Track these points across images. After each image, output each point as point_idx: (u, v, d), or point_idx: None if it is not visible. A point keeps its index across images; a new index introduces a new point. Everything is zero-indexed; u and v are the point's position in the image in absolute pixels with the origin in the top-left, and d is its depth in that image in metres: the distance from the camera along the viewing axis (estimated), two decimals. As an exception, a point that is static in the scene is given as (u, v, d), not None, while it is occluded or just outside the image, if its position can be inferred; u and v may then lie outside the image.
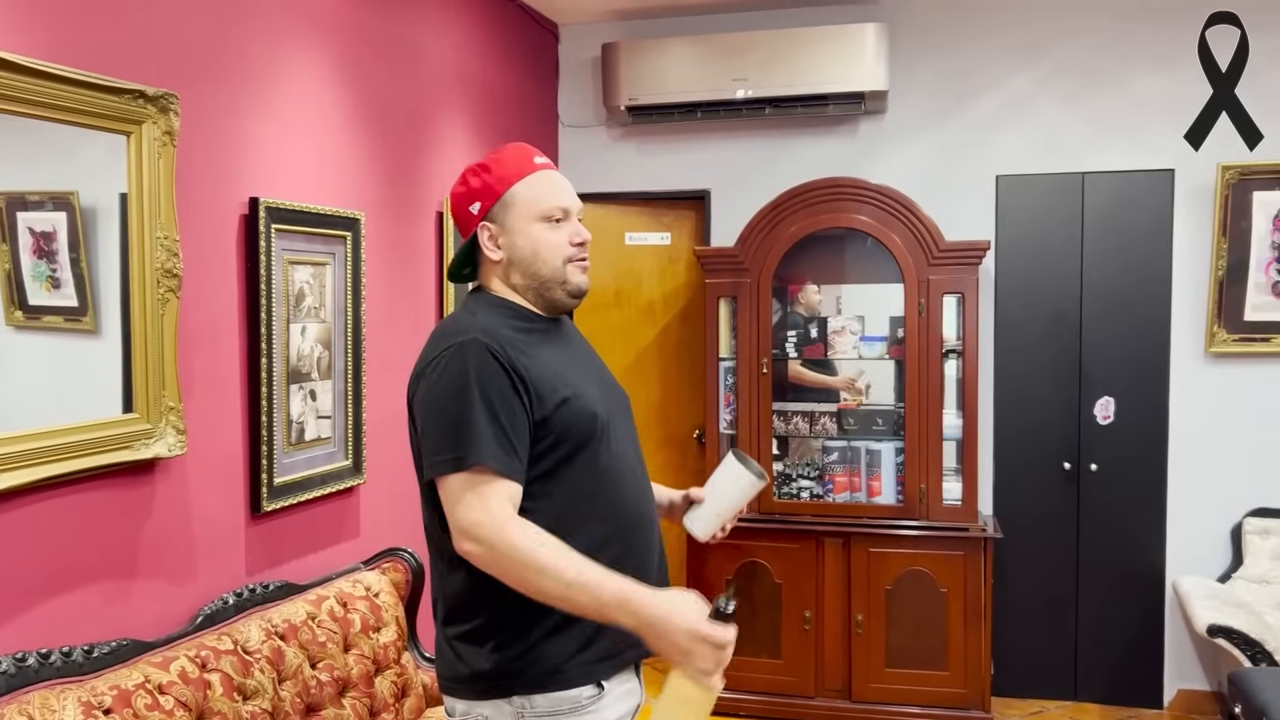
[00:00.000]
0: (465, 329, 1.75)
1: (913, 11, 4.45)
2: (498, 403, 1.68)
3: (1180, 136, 4.24)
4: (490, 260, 1.87)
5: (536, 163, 1.88)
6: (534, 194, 1.84)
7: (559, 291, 1.86)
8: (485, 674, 1.75)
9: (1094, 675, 4.36)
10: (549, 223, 1.84)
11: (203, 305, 2.58)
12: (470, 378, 1.69)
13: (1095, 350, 4.32)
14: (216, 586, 2.63)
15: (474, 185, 1.86)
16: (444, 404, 1.70)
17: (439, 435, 1.70)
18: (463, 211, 1.88)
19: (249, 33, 2.75)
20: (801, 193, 4.16)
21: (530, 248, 1.83)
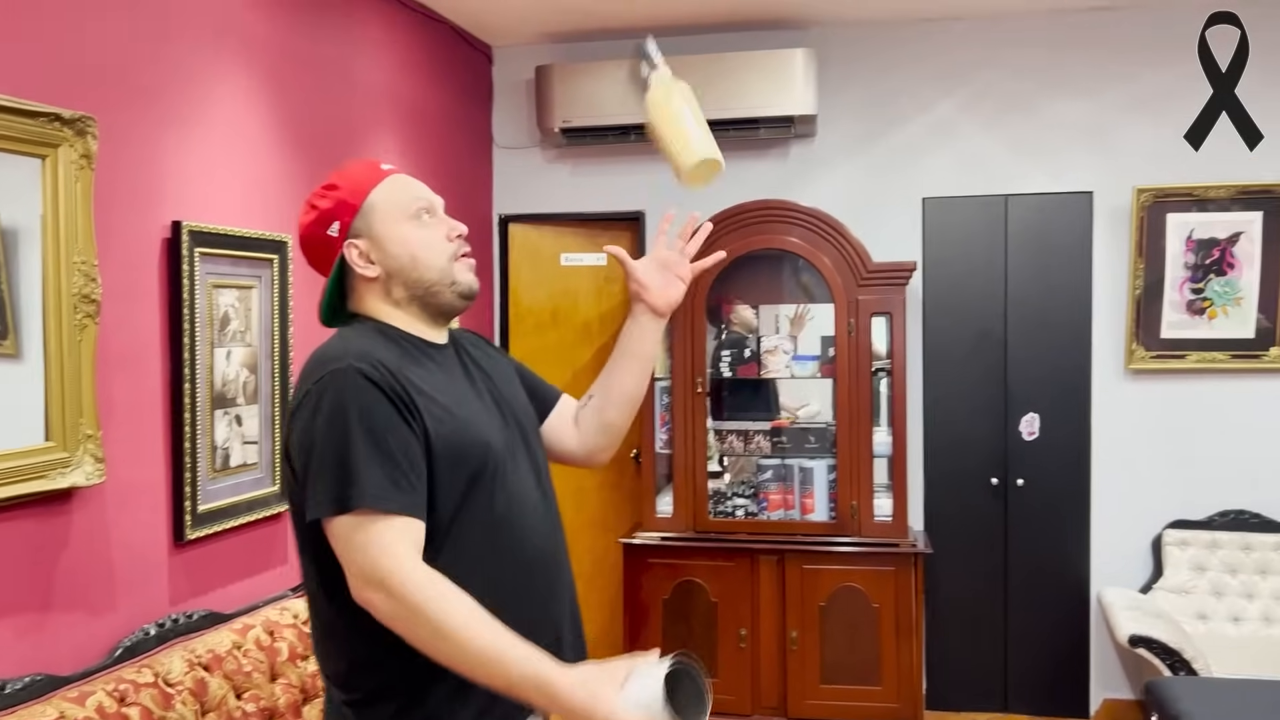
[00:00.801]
0: (338, 356, 1.55)
1: (840, 39, 4.54)
2: (382, 432, 1.50)
3: (1095, 159, 4.37)
4: (365, 280, 1.67)
5: (385, 168, 1.72)
6: (394, 195, 1.68)
7: (448, 294, 1.68)
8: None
9: (1023, 686, 4.45)
10: (418, 220, 1.68)
11: (124, 331, 2.54)
12: (348, 408, 1.50)
13: (1020, 368, 4.42)
14: (137, 618, 2.58)
15: (325, 207, 1.67)
16: (323, 440, 1.50)
17: (320, 475, 1.50)
18: (320, 239, 1.68)
19: (172, 54, 2.72)
20: (734, 215, 4.21)
21: (407, 252, 1.66)
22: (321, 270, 1.71)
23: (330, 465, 1.49)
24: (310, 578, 1.61)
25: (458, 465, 1.57)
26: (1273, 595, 4.12)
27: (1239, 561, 4.18)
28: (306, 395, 1.55)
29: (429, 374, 1.62)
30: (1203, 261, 4.25)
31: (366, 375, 1.52)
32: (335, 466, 1.48)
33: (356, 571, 1.47)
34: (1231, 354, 4.26)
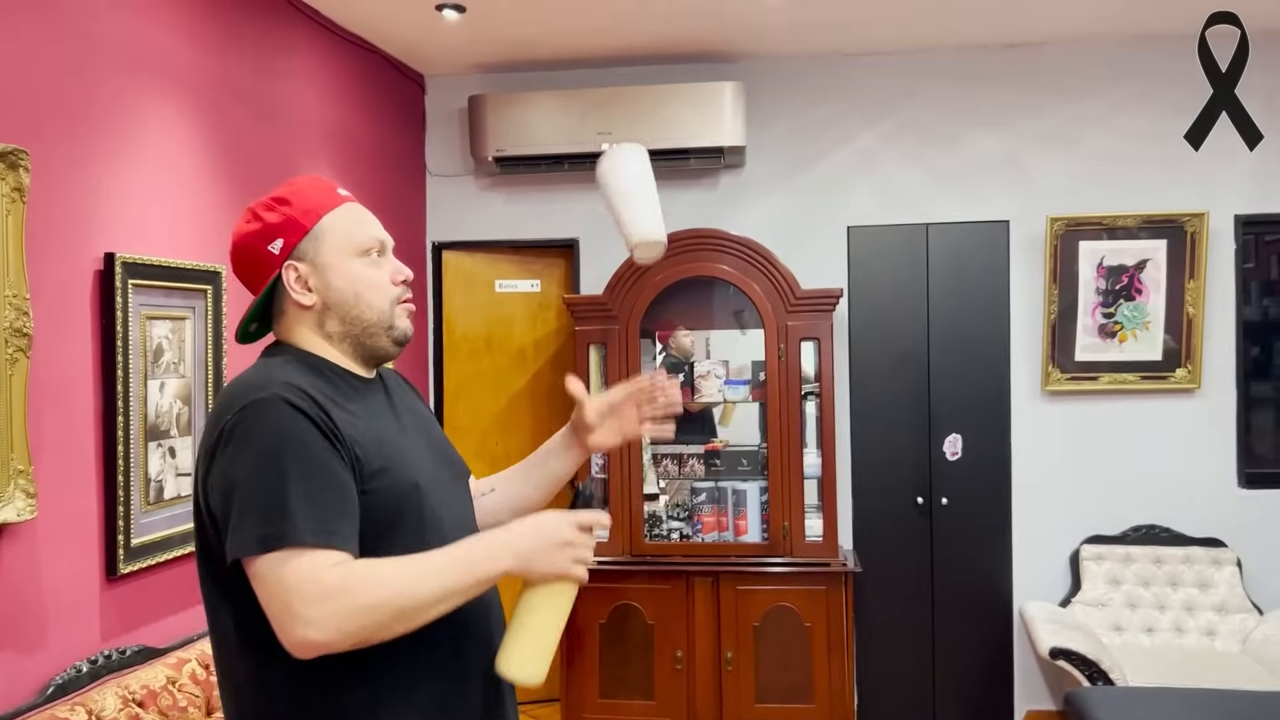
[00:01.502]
0: (262, 385, 1.45)
1: (767, 72, 4.67)
2: (313, 464, 1.41)
3: (1011, 190, 4.55)
4: (298, 306, 1.57)
5: (341, 194, 1.64)
6: (348, 226, 1.60)
7: (384, 339, 1.61)
8: None
9: (950, 699, 4.57)
10: (368, 258, 1.60)
11: (55, 364, 2.51)
12: (275, 438, 1.41)
13: (942, 391, 4.57)
14: (69, 654, 2.54)
15: (271, 221, 1.57)
16: (248, 474, 1.40)
17: (246, 511, 1.39)
18: (258, 252, 1.57)
19: (103, 85, 2.71)
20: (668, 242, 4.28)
21: (351, 289, 1.58)
22: (247, 282, 1.62)
23: (258, 500, 1.39)
24: (227, 633, 1.49)
25: (388, 504, 1.49)
26: (1183, 606, 4.30)
27: (1151, 574, 4.36)
28: (225, 428, 1.43)
29: (357, 410, 1.53)
30: (1113, 287, 4.45)
31: (293, 404, 1.43)
32: (264, 501, 1.38)
33: (289, 608, 1.35)
34: (1141, 375, 4.46)
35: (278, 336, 1.63)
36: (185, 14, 3.07)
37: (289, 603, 1.35)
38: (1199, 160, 4.40)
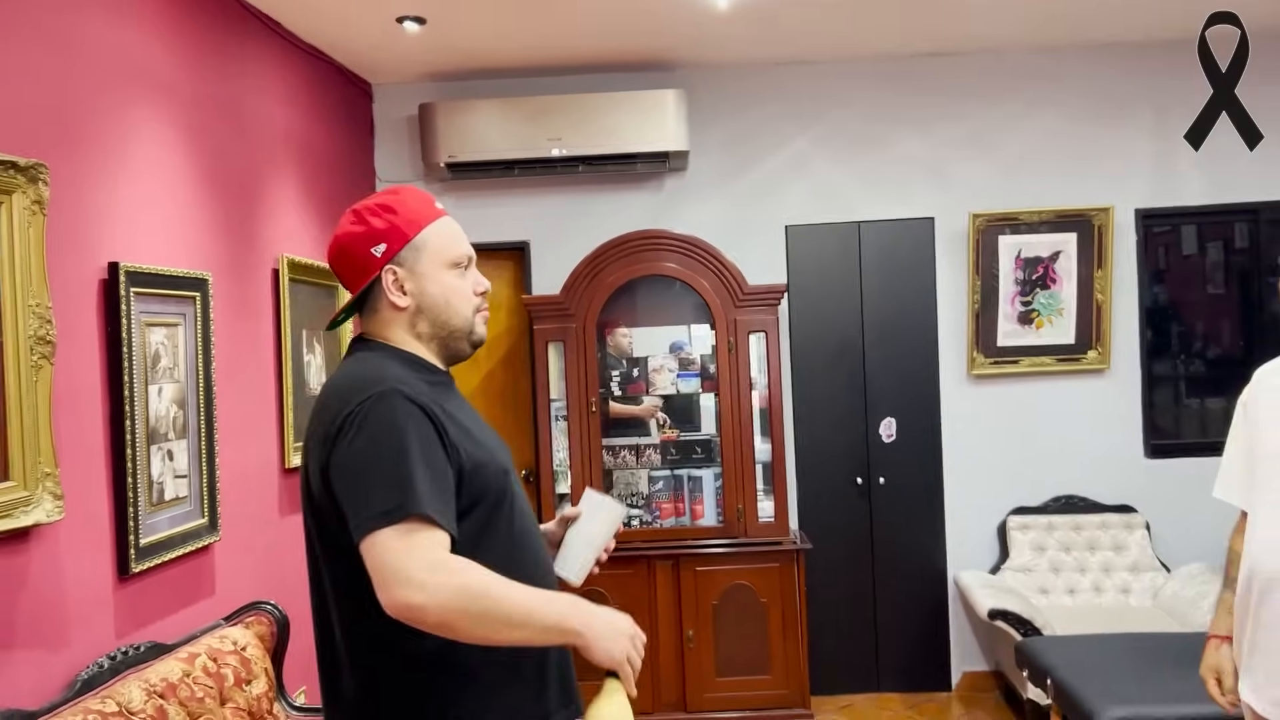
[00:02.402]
0: (378, 380, 1.61)
1: (707, 80, 4.92)
2: (429, 452, 1.56)
3: (935, 188, 4.90)
4: (394, 307, 1.73)
5: (439, 208, 1.79)
6: (445, 240, 1.75)
7: (465, 343, 1.78)
8: None
9: (892, 667, 4.89)
10: (459, 270, 1.76)
11: (68, 370, 2.59)
12: (398, 427, 1.55)
13: (877, 377, 4.89)
14: (90, 651, 2.62)
15: (377, 226, 1.71)
16: (370, 456, 1.55)
17: (368, 490, 1.53)
18: (361, 254, 1.72)
19: (101, 101, 2.79)
20: (619, 244, 4.51)
21: (443, 296, 1.73)
22: (345, 278, 1.76)
23: (380, 481, 1.52)
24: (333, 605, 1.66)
25: (486, 489, 1.65)
26: (1100, 568, 4.71)
27: (1071, 540, 4.75)
28: (349, 417, 1.57)
29: (451, 403, 1.70)
30: (1030, 277, 4.83)
31: (410, 398, 1.58)
32: (387, 481, 1.52)
33: (399, 575, 1.49)
34: (1056, 358, 4.85)
35: (369, 332, 1.77)
36: (169, 29, 3.16)
37: (405, 565, 1.49)
38: (1104, 158, 4.82)
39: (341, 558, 1.61)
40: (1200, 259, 5.13)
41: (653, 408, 4.73)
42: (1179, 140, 4.82)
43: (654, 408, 4.73)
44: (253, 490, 3.58)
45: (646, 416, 4.75)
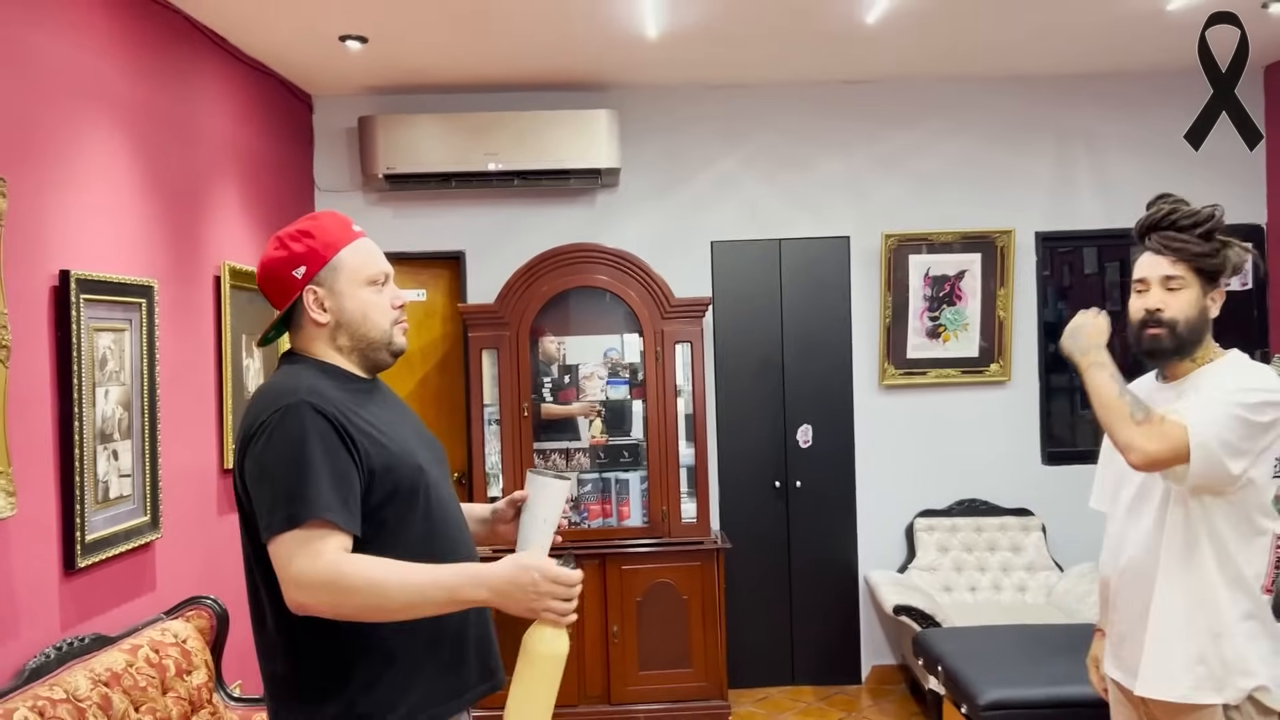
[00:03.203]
0: (291, 391, 1.77)
1: (637, 101, 5.15)
2: (330, 459, 1.72)
3: (851, 208, 5.18)
4: (315, 324, 1.89)
5: (355, 230, 1.94)
6: (360, 259, 1.90)
7: (384, 353, 1.93)
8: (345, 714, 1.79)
9: (807, 660, 5.16)
10: (375, 286, 1.91)
11: (21, 373, 2.71)
12: (301, 437, 1.72)
13: (795, 386, 5.16)
14: (37, 642, 2.75)
15: (297, 250, 1.87)
16: (276, 464, 1.72)
17: (273, 495, 1.71)
18: (283, 276, 1.88)
19: (54, 115, 2.91)
20: (552, 256, 4.71)
21: (360, 311, 1.89)
22: (271, 298, 1.92)
23: (282, 487, 1.70)
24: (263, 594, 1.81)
25: (398, 483, 1.81)
26: (999, 567, 5.03)
27: (973, 541, 5.07)
28: (261, 425, 1.75)
29: (367, 408, 1.86)
30: (937, 294, 5.14)
31: (317, 409, 1.75)
32: (286, 488, 1.70)
33: (294, 579, 1.68)
34: (961, 370, 5.17)
35: (295, 346, 1.94)
36: (119, 46, 3.28)
37: (294, 568, 1.68)
38: (1007, 184, 5.17)
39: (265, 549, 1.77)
40: (1099, 278, 5.49)
41: (590, 406, 4.93)
42: (1078, 167, 5.20)
43: (591, 406, 4.93)
44: (193, 490, 3.70)
45: (584, 415, 4.94)
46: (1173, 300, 2.25)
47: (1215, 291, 2.27)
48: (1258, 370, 2.24)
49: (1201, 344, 2.28)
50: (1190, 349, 2.27)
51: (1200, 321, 2.26)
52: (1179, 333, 2.25)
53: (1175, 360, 2.29)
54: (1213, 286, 2.26)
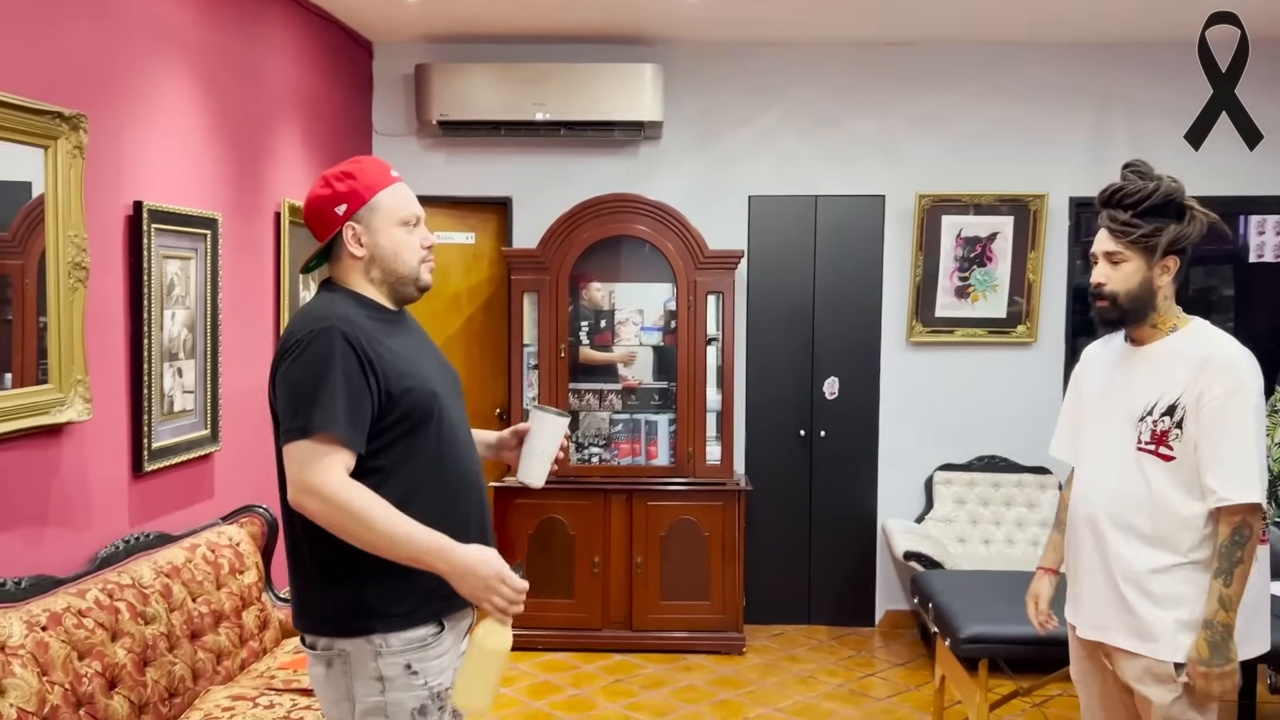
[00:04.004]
0: (325, 316, 1.99)
1: (683, 56, 5.31)
2: (348, 382, 1.94)
3: (887, 168, 5.31)
4: (351, 257, 2.10)
5: (394, 175, 2.14)
6: (396, 201, 2.10)
7: (411, 288, 2.14)
8: (348, 615, 2.02)
9: (823, 602, 5.39)
10: (407, 227, 2.11)
11: (98, 293, 3.01)
12: (327, 358, 1.94)
13: (824, 340, 5.34)
14: (108, 534, 3.08)
15: (340, 189, 2.08)
16: (301, 379, 1.94)
17: (295, 406, 1.94)
18: (325, 212, 2.09)
19: (132, 57, 3.18)
20: (593, 205, 4.93)
21: (392, 248, 2.10)
22: (314, 231, 2.14)
23: (302, 400, 1.93)
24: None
25: (414, 405, 2.03)
26: (1014, 522, 5.19)
27: (990, 496, 5.23)
28: (295, 343, 1.99)
29: (392, 337, 2.08)
30: (968, 255, 5.26)
31: (346, 335, 1.97)
32: (306, 402, 1.93)
33: (299, 481, 1.92)
34: (989, 330, 5.30)
35: (333, 276, 2.16)
36: (191, -7, 3.54)
37: (306, 475, 1.93)
38: (1042, 148, 5.24)
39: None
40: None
41: (630, 354, 5.17)
42: (1115, 133, 5.26)
43: (631, 354, 5.17)
44: (250, 409, 4.01)
45: (624, 362, 5.19)
46: (1115, 274, 2.38)
47: (1165, 262, 2.37)
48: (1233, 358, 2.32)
49: (1154, 311, 2.40)
50: (1139, 317, 2.40)
51: (1144, 293, 2.37)
52: (1121, 304, 2.38)
53: (1131, 326, 2.43)
54: (1161, 258, 2.36)
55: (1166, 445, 2.34)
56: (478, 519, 2.17)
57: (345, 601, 2.03)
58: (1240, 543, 2.26)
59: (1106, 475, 2.45)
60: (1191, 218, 2.37)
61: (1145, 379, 2.41)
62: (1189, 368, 2.34)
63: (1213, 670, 2.26)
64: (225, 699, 2.98)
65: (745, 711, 4.30)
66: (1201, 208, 2.39)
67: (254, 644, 3.39)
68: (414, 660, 2.05)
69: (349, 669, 2.05)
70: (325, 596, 2.05)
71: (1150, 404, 2.38)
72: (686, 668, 4.77)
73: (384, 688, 2.04)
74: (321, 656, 2.08)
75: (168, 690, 2.88)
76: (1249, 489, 2.25)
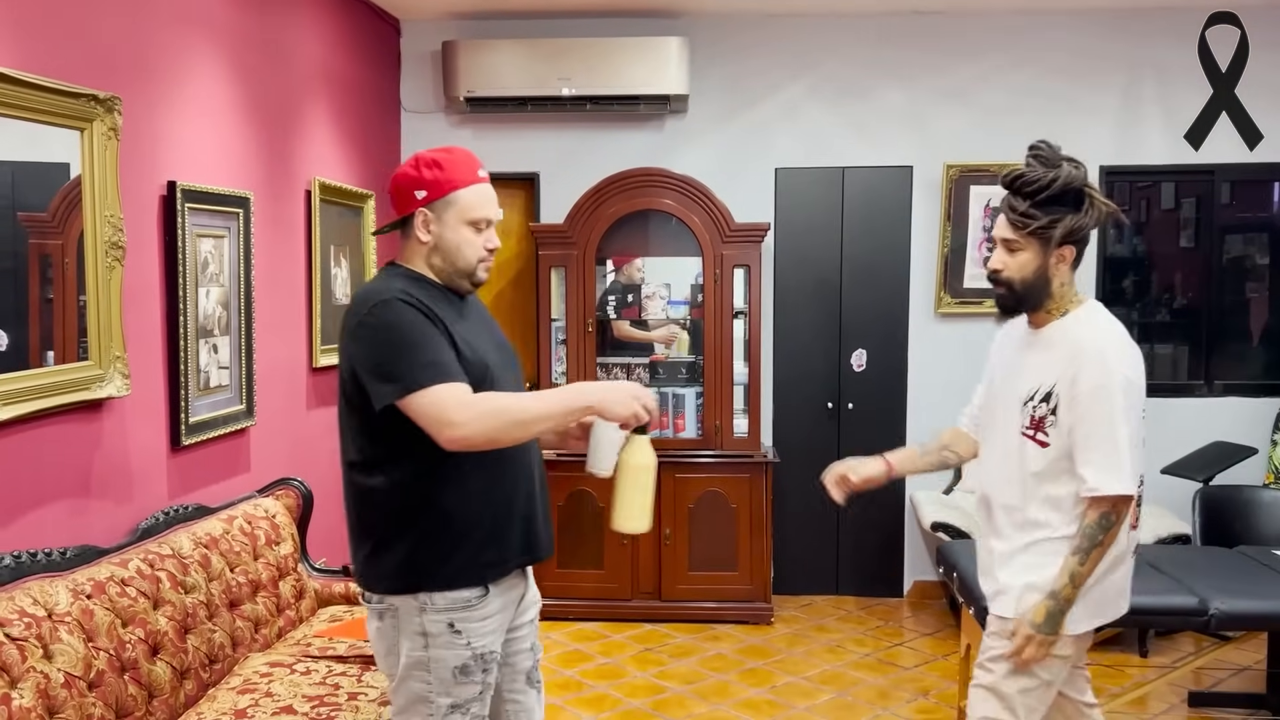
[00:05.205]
0: (383, 292, 2.15)
1: (708, 28, 5.30)
2: (424, 331, 2.10)
3: (914, 139, 5.28)
4: (418, 240, 2.23)
5: (480, 175, 2.25)
6: (472, 202, 2.22)
7: (466, 282, 2.27)
8: (399, 573, 2.17)
9: (851, 572, 5.42)
10: (475, 228, 2.23)
11: (135, 271, 3.09)
12: (399, 321, 2.10)
13: (851, 312, 5.34)
14: (148, 506, 3.17)
15: (425, 176, 2.20)
16: (382, 346, 2.08)
17: (388, 370, 2.06)
18: (406, 193, 2.22)
19: (164, 40, 3.24)
20: (619, 179, 4.95)
21: (456, 243, 2.22)
22: (394, 205, 2.26)
23: (394, 361, 2.07)
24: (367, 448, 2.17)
25: (469, 375, 2.13)
26: (1042, 493, 5.19)
27: (1019, 467, 5.22)
28: (363, 318, 2.14)
29: (446, 311, 2.20)
30: (996, 226, 5.23)
31: (406, 301, 2.13)
32: (398, 360, 2.07)
33: (443, 420, 2.04)
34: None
35: (399, 257, 2.29)
36: (219, -25, 3.59)
37: (443, 415, 2.04)
38: (1072, 117, 5.19)
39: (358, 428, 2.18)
40: (1168, 216, 5.50)
41: (669, 334, 5.20)
42: (1147, 102, 5.20)
43: (670, 335, 5.20)
44: (284, 384, 4.09)
45: (663, 342, 5.23)
46: (1011, 261, 2.38)
47: (1061, 251, 2.34)
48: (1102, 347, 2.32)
49: (1050, 298, 2.39)
50: (1035, 303, 2.40)
51: (1038, 281, 2.36)
52: (1017, 291, 2.39)
53: (1028, 312, 2.43)
54: (1057, 248, 2.33)
55: (1044, 431, 2.36)
56: (525, 489, 2.28)
57: (398, 560, 2.17)
58: (1105, 527, 2.30)
59: (994, 456, 2.51)
60: (1090, 206, 2.33)
61: (1032, 364, 2.42)
62: (1064, 355, 2.34)
63: (1037, 636, 2.33)
64: (263, 665, 3.07)
65: (773, 680, 4.35)
66: (1102, 197, 2.36)
67: (290, 613, 3.48)
68: (457, 619, 2.17)
69: (397, 623, 2.19)
70: (381, 555, 2.19)
71: (1033, 390, 2.39)
72: (715, 637, 4.83)
73: (427, 643, 2.18)
74: (375, 610, 2.23)
75: (208, 656, 2.97)
76: (1119, 481, 2.27)
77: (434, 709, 2.20)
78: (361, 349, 2.13)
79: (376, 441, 2.17)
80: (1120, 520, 2.31)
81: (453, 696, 2.20)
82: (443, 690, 2.19)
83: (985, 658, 2.48)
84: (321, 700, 2.87)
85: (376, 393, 2.10)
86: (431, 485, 2.16)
